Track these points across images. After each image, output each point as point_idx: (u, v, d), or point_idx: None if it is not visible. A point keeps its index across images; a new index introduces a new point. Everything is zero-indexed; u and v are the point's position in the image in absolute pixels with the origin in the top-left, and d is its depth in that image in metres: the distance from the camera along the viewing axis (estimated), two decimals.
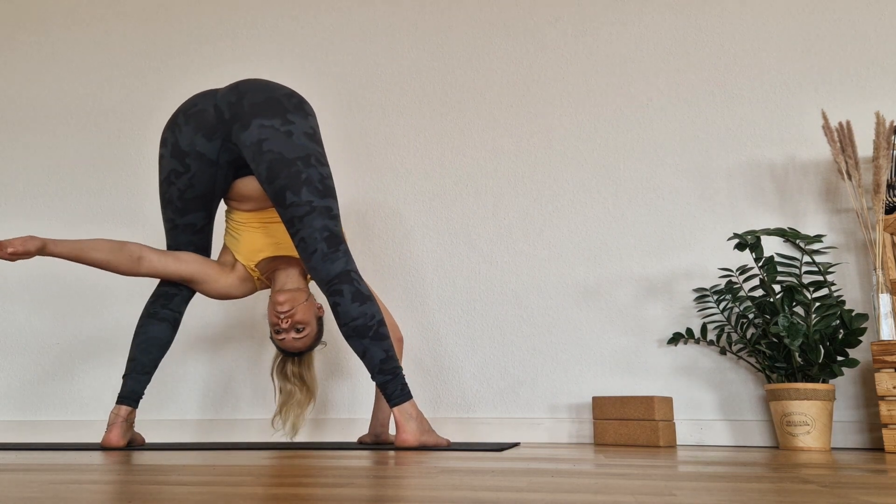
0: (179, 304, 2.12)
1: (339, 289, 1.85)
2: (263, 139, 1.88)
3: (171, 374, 2.80)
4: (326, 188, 1.90)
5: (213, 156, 1.95)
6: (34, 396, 2.90)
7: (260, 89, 1.94)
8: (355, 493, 0.87)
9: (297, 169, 1.87)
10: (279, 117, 1.90)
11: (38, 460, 1.54)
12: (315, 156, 1.91)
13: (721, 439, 2.35)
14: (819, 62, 2.53)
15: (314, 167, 1.89)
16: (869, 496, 0.87)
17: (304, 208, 1.86)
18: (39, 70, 3.26)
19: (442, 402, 2.58)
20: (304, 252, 1.88)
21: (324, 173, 1.90)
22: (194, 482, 1.00)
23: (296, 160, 1.87)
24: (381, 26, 2.96)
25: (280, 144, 1.88)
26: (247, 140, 1.89)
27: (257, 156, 1.88)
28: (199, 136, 1.94)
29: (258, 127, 1.89)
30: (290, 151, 1.88)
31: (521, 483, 0.99)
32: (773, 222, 2.46)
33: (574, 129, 2.70)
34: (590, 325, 2.53)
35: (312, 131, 1.94)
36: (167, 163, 1.99)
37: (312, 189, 1.87)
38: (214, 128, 1.93)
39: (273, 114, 1.90)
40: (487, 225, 2.69)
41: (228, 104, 1.93)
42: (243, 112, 1.91)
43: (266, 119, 1.89)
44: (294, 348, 2.09)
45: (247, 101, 1.92)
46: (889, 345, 1.99)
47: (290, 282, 2.13)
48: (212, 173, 1.98)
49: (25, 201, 3.12)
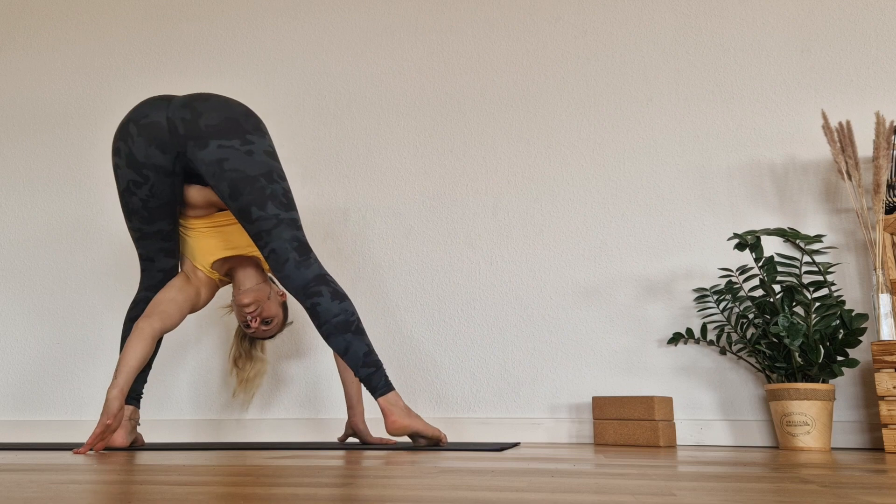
0: None
1: (318, 290, 1.91)
2: (224, 159, 1.91)
3: (171, 374, 2.80)
4: (290, 201, 1.97)
5: (170, 166, 1.97)
6: (34, 396, 2.90)
7: (216, 108, 1.95)
8: (355, 492, 0.87)
9: (261, 185, 1.92)
10: (238, 138, 1.94)
11: (38, 460, 1.54)
12: (276, 171, 1.97)
13: (721, 439, 2.35)
14: (819, 62, 2.53)
15: (277, 182, 1.95)
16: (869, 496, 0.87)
17: (272, 221, 1.92)
18: (39, 69, 3.26)
19: (442, 401, 2.58)
20: (276, 262, 1.94)
21: (286, 187, 1.98)
22: (194, 482, 1.00)
23: (259, 177, 1.93)
24: (381, 26, 2.96)
25: (242, 163, 1.92)
26: (206, 158, 1.92)
27: (218, 174, 1.92)
28: (152, 149, 1.94)
29: (217, 147, 1.92)
30: (253, 169, 1.93)
31: (521, 483, 0.99)
32: (773, 222, 2.46)
33: (574, 128, 2.70)
34: (590, 325, 2.53)
35: (271, 149, 2.00)
36: (124, 173, 1.98)
37: (278, 203, 1.93)
38: (168, 142, 1.94)
39: (232, 134, 1.93)
40: (487, 225, 2.69)
41: (182, 120, 1.92)
42: (200, 132, 1.92)
43: (225, 140, 1.92)
44: (264, 337, 2.28)
45: (203, 121, 1.92)
46: (889, 345, 1.99)
47: (249, 279, 2.20)
48: (170, 182, 2.01)
49: (24, 200, 3.12)
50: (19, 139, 3.20)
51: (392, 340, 2.66)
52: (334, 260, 2.78)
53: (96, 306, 2.93)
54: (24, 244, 3.08)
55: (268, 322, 2.21)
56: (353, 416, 2.16)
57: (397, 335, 2.66)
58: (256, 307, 2.17)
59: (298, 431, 2.64)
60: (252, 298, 2.16)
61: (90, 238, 3.01)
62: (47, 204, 3.10)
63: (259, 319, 2.19)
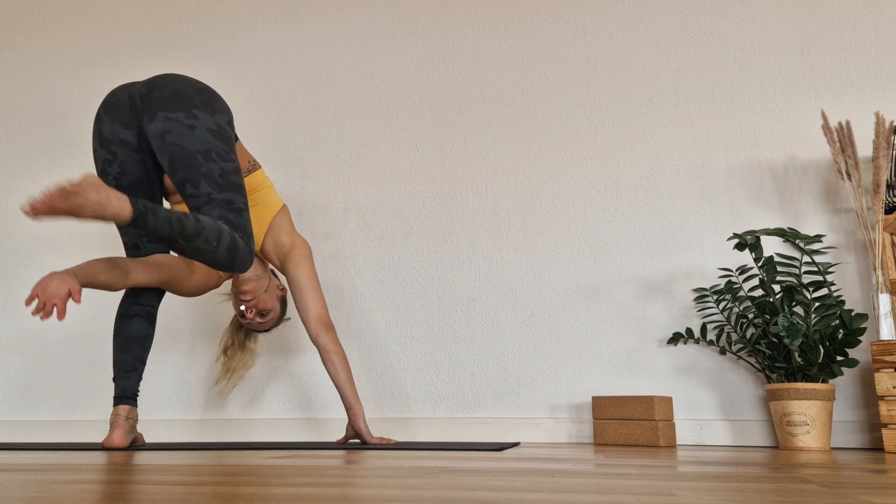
0: (148, 297, 2.16)
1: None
2: (167, 131, 1.90)
3: (171, 373, 2.80)
4: (228, 182, 1.89)
5: (135, 142, 1.99)
6: (34, 396, 2.90)
7: (171, 83, 1.96)
8: (355, 492, 0.87)
9: (197, 162, 1.88)
10: (183, 111, 1.91)
11: (38, 460, 1.54)
12: (217, 151, 1.90)
13: (721, 439, 2.35)
14: (819, 62, 2.53)
15: (215, 162, 1.89)
16: (869, 496, 0.87)
17: (203, 199, 1.87)
18: (38, 68, 3.26)
19: (442, 401, 2.58)
20: None
21: (226, 168, 1.90)
22: (194, 482, 1.00)
23: (196, 153, 1.88)
24: (380, 26, 2.96)
25: (182, 137, 1.89)
26: (153, 131, 1.93)
27: (161, 147, 1.91)
28: (117, 125, 1.99)
29: (163, 119, 1.91)
30: (191, 145, 1.89)
31: (521, 483, 0.99)
32: (772, 222, 2.46)
33: (574, 128, 2.70)
34: (590, 325, 2.53)
35: (217, 128, 1.94)
36: (99, 154, 2.03)
37: (212, 182, 1.87)
38: (129, 117, 1.98)
39: (178, 107, 1.92)
40: (487, 225, 2.69)
41: (140, 95, 1.97)
42: (152, 104, 1.94)
43: (171, 112, 1.91)
44: (260, 330, 2.29)
45: (156, 93, 1.95)
46: (889, 345, 1.99)
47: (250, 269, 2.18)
48: (139, 158, 2.01)
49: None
50: (19, 139, 3.20)
51: (392, 340, 2.66)
52: (334, 260, 2.78)
53: (96, 306, 2.93)
54: (24, 244, 3.08)
55: (264, 314, 2.22)
56: (353, 416, 2.16)
57: (397, 335, 2.66)
58: (253, 297, 2.18)
59: (298, 431, 2.64)
60: (250, 288, 2.18)
61: (89, 238, 3.01)
62: None
63: (255, 311, 2.20)
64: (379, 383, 2.63)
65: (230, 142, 1.96)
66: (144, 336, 2.13)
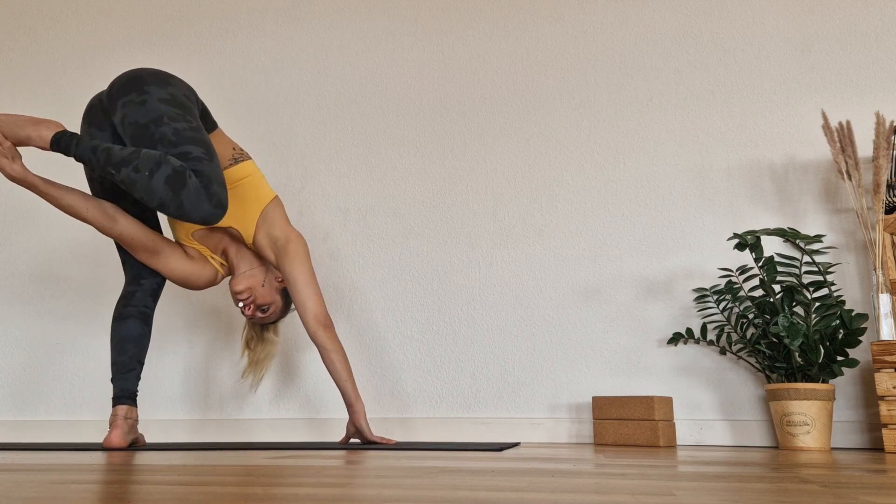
0: (142, 298, 2.17)
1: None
2: (125, 115, 1.92)
3: (170, 373, 2.80)
4: (182, 138, 1.87)
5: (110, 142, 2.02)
6: (34, 396, 2.90)
7: (125, 74, 2.00)
8: (355, 492, 0.87)
9: (151, 131, 1.88)
10: (135, 91, 1.93)
11: (38, 460, 1.54)
12: (168, 115, 1.90)
13: (721, 439, 2.35)
14: (819, 62, 2.53)
15: (166, 125, 1.88)
16: (869, 496, 0.87)
17: None
18: (38, 68, 3.26)
19: (442, 401, 2.58)
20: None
21: (178, 128, 1.88)
22: (194, 482, 1.00)
23: (149, 123, 1.89)
24: (381, 27, 2.96)
25: (136, 114, 1.91)
26: (117, 122, 1.95)
27: (125, 132, 1.93)
28: (93, 129, 2.03)
29: (120, 106, 1.94)
30: (144, 117, 1.90)
31: (521, 483, 0.99)
32: (772, 222, 2.46)
33: (574, 128, 2.70)
34: (590, 325, 2.53)
35: (170, 97, 1.94)
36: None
37: (166, 142, 1.86)
38: (101, 119, 2.02)
39: (130, 90, 1.94)
40: (487, 225, 2.69)
41: (105, 95, 2.01)
42: (112, 98, 1.97)
43: (125, 96, 1.94)
44: (265, 322, 2.28)
45: (114, 87, 1.98)
46: (889, 345, 1.99)
47: (244, 263, 2.21)
48: None
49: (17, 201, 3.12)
50: None
51: (392, 340, 2.66)
52: (334, 260, 2.78)
53: (96, 306, 2.93)
54: (24, 244, 3.08)
55: (264, 309, 2.21)
56: (353, 413, 2.15)
57: (397, 335, 2.66)
58: (249, 294, 2.17)
59: (298, 431, 2.64)
60: (245, 285, 2.17)
61: (90, 239, 3.01)
62: (47, 204, 3.10)
63: (253, 307, 2.19)
64: (379, 383, 2.63)
65: (185, 107, 1.95)
66: (139, 336, 2.13)
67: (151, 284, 2.19)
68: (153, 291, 2.19)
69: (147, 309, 2.17)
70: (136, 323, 2.13)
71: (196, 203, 1.81)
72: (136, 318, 2.14)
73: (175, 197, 1.79)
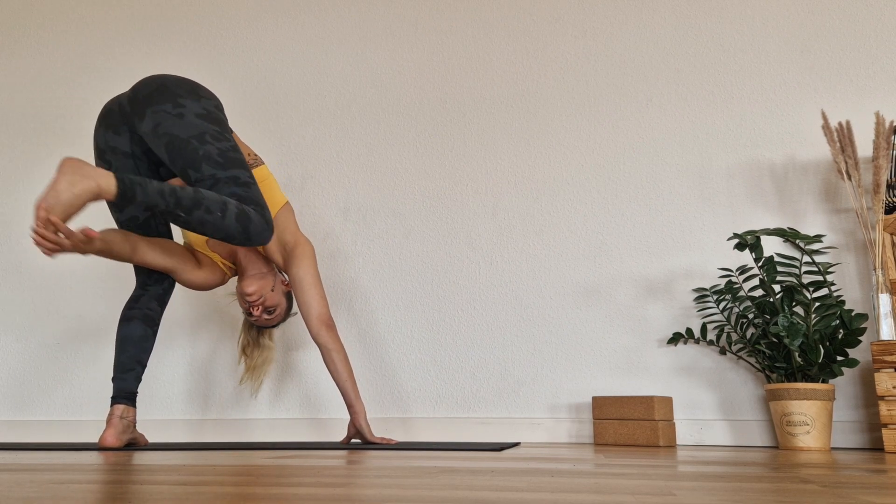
0: (147, 301, 2.19)
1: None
2: (157, 124, 1.93)
3: (170, 373, 2.80)
4: (228, 160, 1.91)
5: (126, 147, 2.02)
6: (34, 396, 2.90)
7: (151, 81, 2.00)
8: (355, 492, 0.87)
9: (193, 147, 1.90)
10: (170, 102, 1.94)
11: (37, 460, 1.54)
12: (209, 133, 1.92)
13: (721, 439, 2.35)
14: (819, 62, 2.53)
15: (210, 143, 1.91)
16: (869, 496, 0.87)
17: (208, 181, 1.89)
18: (38, 69, 3.26)
19: (442, 401, 2.58)
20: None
21: (222, 147, 1.92)
22: (194, 482, 1.00)
23: (190, 139, 1.91)
24: (380, 26, 2.96)
25: (173, 126, 1.92)
26: (145, 129, 1.95)
27: (155, 140, 1.94)
28: (109, 133, 2.02)
29: (151, 114, 1.94)
30: (184, 131, 1.91)
31: (521, 483, 0.99)
32: (772, 222, 2.46)
33: (574, 128, 2.70)
34: (590, 325, 2.53)
35: (205, 112, 1.96)
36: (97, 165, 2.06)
37: (212, 163, 1.89)
38: (119, 122, 2.01)
39: (163, 100, 1.95)
40: (487, 225, 2.69)
41: (128, 99, 2.00)
42: (138, 104, 1.97)
43: (158, 105, 1.94)
44: (268, 326, 2.31)
45: (140, 93, 1.98)
46: (889, 345, 1.99)
47: (253, 266, 2.23)
48: (132, 165, 2.04)
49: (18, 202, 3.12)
50: (19, 139, 3.20)
51: (392, 340, 2.66)
52: (334, 260, 2.78)
53: (96, 306, 2.93)
54: (24, 244, 3.08)
55: (271, 311, 2.25)
56: (354, 414, 2.16)
57: (397, 335, 2.66)
58: (259, 296, 2.20)
59: (298, 431, 2.64)
60: (255, 287, 2.20)
61: None
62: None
63: (261, 308, 2.22)
64: (379, 383, 2.63)
65: (222, 123, 1.99)
66: (141, 337, 2.14)
67: (157, 291, 2.22)
68: (159, 297, 2.22)
69: (151, 311, 2.19)
70: (139, 324, 2.15)
71: (259, 231, 1.88)
72: (140, 320, 2.16)
73: (244, 230, 1.85)
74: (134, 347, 2.13)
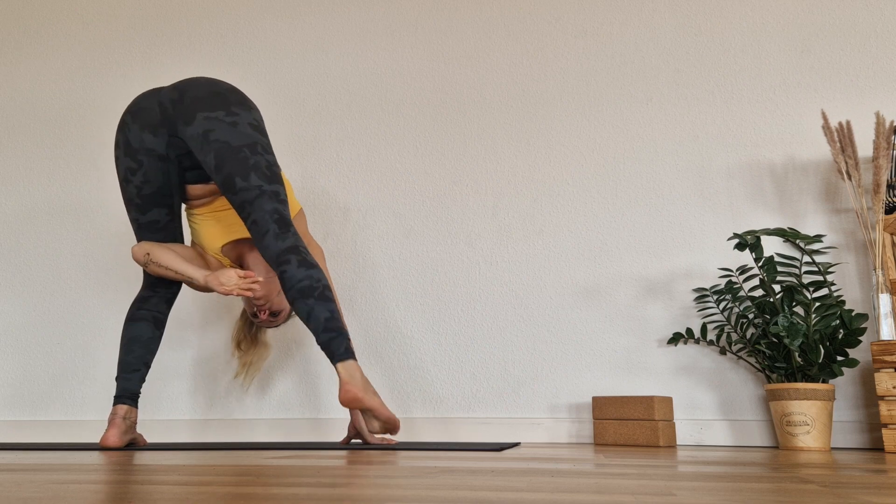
0: (156, 303, 2.20)
1: (287, 258, 1.91)
2: (209, 130, 1.94)
3: (170, 373, 2.80)
4: (273, 174, 1.97)
5: (162, 150, 2.02)
6: (34, 396, 2.90)
7: (202, 86, 2.01)
8: (355, 492, 0.87)
9: (245, 155, 1.94)
10: (223, 109, 1.97)
11: (37, 460, 1.54)
12: (261, 144, 1.98)
13: (721, 439, 2.35)
14: (819, 62, 2.53)
15: (260, 154, 1.96)
16: (869, 496, 0.87)
17: (254, 192, 1.93)
18: (38, 69, 3.26)
19: (442, 401, 2.58)
20: (257, 233, 1.96)
21: (270, 161, 1.98)
22: (194, 482, 1.00)
23: (242, 147, 1.94)
24: (380, 26, 2.96)
25: (226, 134, 1.94)
26: (192, 133, 1.96)
27: (204, 146, 1.95)
28: (145, 133, 2.01)
29: (203, 119, 1.95)
30: (236, 140, 1.95)
31: (521, 483, 0.99)
32: (772, 222, 2.46)
33: (574, 128, 2.70)
34: (590, 325, 2.53)
35: (256, 123, 2.01)
36: (122, 162, 2.06)
37: (260, 174, 1.94)
38: (159, 123, 2.00)
39: (217, 106, 1.97)
40: (487, 225, 2.69)
41: (171, 101, 2.00)
42: (185, 107, 1.97)
43: (210, 112, 1.96)
44: (270, 327, 2.34)
45: (188, 96, 1.98)
46: (889, 345, 1.99)
47: (258, 269, 2.24)
48: (164, 168, 2.04)
49: (23, 199, 3.12)
50: (19, 139, 3.20)
51: (392, 340, 2.66)
52: (334, 260, 2.78)
53: (96, 306, 2.93)
54: (25, 245, 3.08)
55: (275, 314, 2.27)
56: (355, 414, 2.17)
57: (397, 335, 2.66)
58: (266, 301, 2.22)
59: (298, 431, 2.64)
60: (263, 292, 2.21)
61: (91, 238, 3.01)
62: (48, 204, 3.10)
63: (267, 312, 2.24)
64: (379, 383, 2.63)
65: (267, 136, 2.04)
66: (149, 339, 2.16)
67: (167, 294, 2.23)
68: (168, 300, 2.24)
69: (160, 314, 2.21)
70: (148, 326, 2.16)
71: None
72: (149, 322, 2.17)
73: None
74: (141, 348, 2.14)
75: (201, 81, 2.03)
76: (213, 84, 2.02)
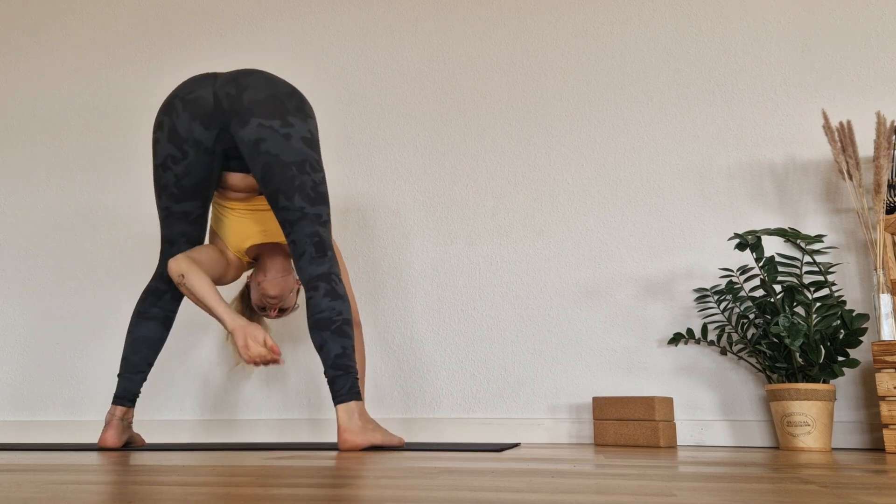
0: (169, 301, 2.13)
1: (316, 285, 1.91)
2: (261, 139, 1.90)
3: (170, 374, 2.80)
4: (318, 195, 1.94)
5: (210, 144, 1.95)
6: (34, 396, 2.90)
7: (261, 85, 1.94)
8: (355, 493, 0.87)
9: (292, 174, 1.90)
10: (279, 118, 1.91)
11: (37, 460, 1.54)
12: (310, 162, 1.94)
13: (721, 439, 2.34)
14: (819, 62, 2.53)
15: (308, 174, 1.92)
16: (869, 496, 0.87)
17: (296, 214, 1.92)
18: (38, 69, 3.26)
19: (441, 402, 2.58)
20: (295, 252, 1.96)
21: (317, 179, 1.94)
22: (194, 482, 1.00)
23: (291, 165, 1.90)
24: (380, 26, 2.96)
25: (277, 147, 1.90)
26: (245, 136, 1.91)
27: (254, 155, 1.91)
28: (196, 124, 1.93)
29: (257, 126, 1.90)
30: (287, 155, 1.90)
31: (521, 483, 0.99)
32: (773, 222, 2.46)
33: (574, 128, 2.70)
34: (590, 325, 2.52)
35: (310, 135, 1.96)
36: (163, 147, 1.97)
37: (304, 196, 1.92)
38: (212, 117, 1.93)
39: (273, 114, 1.91)
40: (487, 225, 2.69)
41: (227, 95, 1.92)
42: (242, 107, 1.91)
43: (265, 119, 1.90)
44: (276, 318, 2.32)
45: (247, 96, 1.92)
46: (889, 345, 1.99)
47: (275, 266, 2.19)
48: (208, 161, 1.98)
49: (25, 199, 3.12)
50: (20, 139, 3.20)
51: (392, 340, 2.66)
52: None
53: (96, 307, 2.93)
54: (25, 244, 3.08)
55: (284, 310, 2.28)
56: None
57: (397, 335, 2.66)
58: (280, 300, 2.21)
59: (298, 431, 2.64)
60: (278, 290, 2.18)
61: (91, 238, 3.01)
62: (48, 204, 3.10)
63: (277, 309, 2.24)
64: (379, 383, 2.63)
65: (319, 149, 1.99)
66: (157, 339, 2.11)
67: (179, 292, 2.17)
68: (180, 297, 2.17)
69: (171, 314, 2.15)
70: (158, 326, 2.11)
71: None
72: (159, 322, 2.11)
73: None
74: (148, 349, 2.09)
75: (261, 79, 1.94)
76: (272, 84, 1.94)
